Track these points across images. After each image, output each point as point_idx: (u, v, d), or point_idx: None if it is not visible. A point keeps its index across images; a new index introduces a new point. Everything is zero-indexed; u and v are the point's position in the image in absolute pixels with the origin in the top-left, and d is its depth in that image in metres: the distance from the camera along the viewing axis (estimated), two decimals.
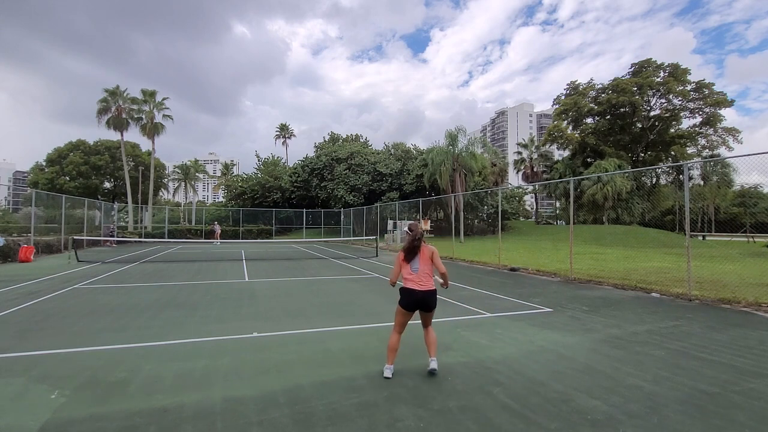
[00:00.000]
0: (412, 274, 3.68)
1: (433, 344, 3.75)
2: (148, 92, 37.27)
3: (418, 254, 3.72)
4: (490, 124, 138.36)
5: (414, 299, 3.64)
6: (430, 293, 3.65)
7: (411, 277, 3.68)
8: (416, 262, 3.70)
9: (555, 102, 48.96)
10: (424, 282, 3.65)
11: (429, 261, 3.72)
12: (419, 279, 3.65)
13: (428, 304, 3.67)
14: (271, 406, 3.06)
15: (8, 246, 14.49)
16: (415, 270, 3.68)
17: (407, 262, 3.74)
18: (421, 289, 3.63)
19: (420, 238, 3.76)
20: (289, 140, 65.71)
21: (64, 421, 2.79)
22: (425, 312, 3.73)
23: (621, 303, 7.28)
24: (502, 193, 27.16)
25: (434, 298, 3.69)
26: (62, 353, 4.29)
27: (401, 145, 42.11)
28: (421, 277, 3.66)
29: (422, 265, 3.70)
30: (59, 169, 45.05)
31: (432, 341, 3.76)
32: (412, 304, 3.66)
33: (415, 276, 3.67)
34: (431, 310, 3.73)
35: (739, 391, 3.36)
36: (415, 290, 3.63)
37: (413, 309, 3.69)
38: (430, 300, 3.66)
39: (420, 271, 3.68)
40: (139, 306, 6.80)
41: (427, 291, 3.63)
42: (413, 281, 3.66)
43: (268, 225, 37.07)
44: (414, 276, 3.67)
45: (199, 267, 12.99)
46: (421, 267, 3.69)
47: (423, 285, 3.64)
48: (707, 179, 38.25)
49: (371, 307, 6.95)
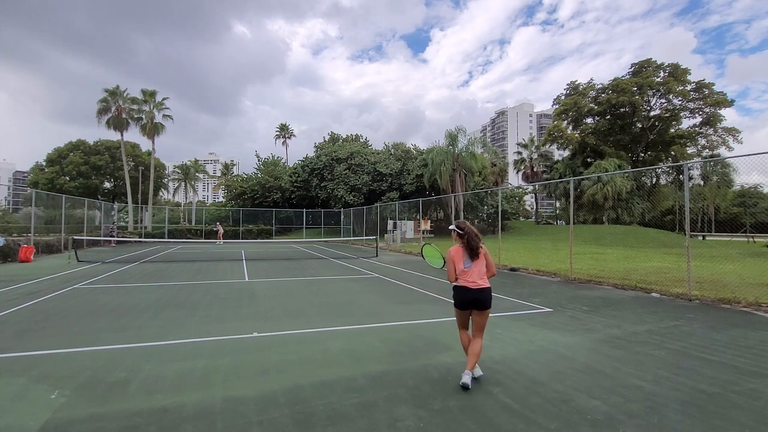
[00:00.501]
0: (465, 272, 3.58)
1: (473, 355, 3.51)
2: (148, 92, 37.30)
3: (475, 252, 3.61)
4: (490, 124, 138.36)
5: (468, 298, 3.54)
6: (484, 291, 3.53)
7: (464, 275, 3.58)
8: (469, 260, 3.60)
9: (555, 102, 48.98)
10: (477, 279, 3.54)
11: (483, 259, 3.62)
12: (473, 276, 3.55)
13: (482, 302, 3.53)
14: (271, 406, 3.06)
15: (8, 246, 14.50)
16: (468, 267, 3.58)
17: (462, 260, 3.61)
18: (474, 287, 3.52)
19: (478, 237, 3.66)
20: (289, 140, 65.81)
21: (64, 421, 2.79)
22: (478, 311, 3.57)
23: (621, 303, 7.28)
24: (502, 193, 27.15)
25: (489, 295, 3.55)
26: (62, 353, 4.29)
27: (401, 145, 42.12)
28: (474, 274, 3.55)
29: (476, 263, 3.60)
30: (59, 169, 45.06)
31: (474, 351, 3.52)
32: (465, 303, 3.57)
33: (468, 273, 3.56)
34: (485, 309, 3.56)
35: (739, 391, 3.36)
36: (468, 288, 3.53)
37: (467, 307, 3.58)
38: (485, 298, 3.53)
39: (474, 268, 3.58)
40: (139, 306, 6.80)
41: (481, 289, 3.52)
42: (466, 279, 3.55)
43: (268, 225, 37.08)
44: (467, 273, 3.57)
45: (199, 267, 12.98)
46: (475, 264, 3.59)
47: (477, 283, 3.53)
48: (707, 179, 38.26)
49: (371, 307, 6.95)
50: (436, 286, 9.21)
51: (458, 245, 3.68)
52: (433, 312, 6.48)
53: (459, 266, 3.62)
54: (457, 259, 3.64)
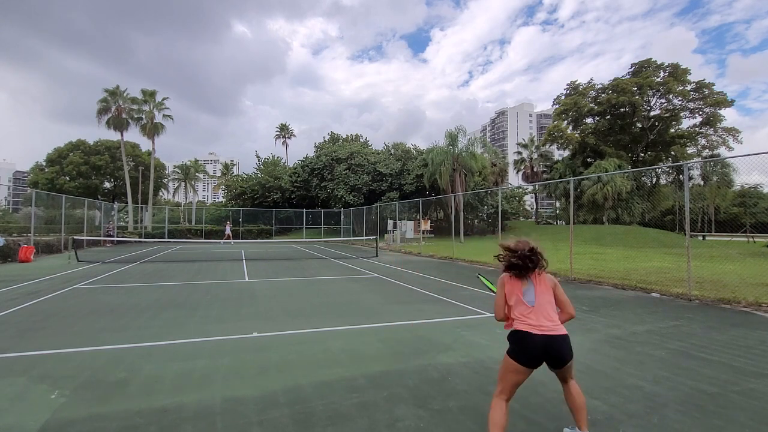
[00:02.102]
0: (528, 309, 2.43)
1: (581, 408, 2.46)
2: (148, 92, 37.30)
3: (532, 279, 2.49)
4: (490, 124, 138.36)
5: (533, 349, 2.34)
6: (557, 339, 2.35)
7: (526, 314, 2.42)
8: (531, 291, 2.46)
9: (555, 102, 48.97)
10: (546, 321, 2.38)
11: (550, 290, 2.49)
12: (538, 317, 2.39)
13: (557, 356, 2.37)
14: (271, 406, 3.06)
15: (8, 246, 14.49)
16: (531, 302, 2.43)
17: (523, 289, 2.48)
18: (542, 333, 2.35)
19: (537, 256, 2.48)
20: (289, 140, 65.80)
21: (64, 421, 2.79)
22: (555, 368, 2.47)
23: (621, 303, 7.28)
24: (502, 193, 27.16)
25: (566, 345, 2.38)
26: (62, 353, 4.29)
27: (401, 145, 42.14)
28: (541, 313, 2.40)
29: (542, 296, 2.45)
30: (59, 169, 45.05)
31: (579, 404, 2.46)
32: (530, 357, 2.36)
33: (532, 312, 2.41)
34: (564, 365, 2.42)
35: (739, 391, 3.36)
36: (532, 334, 2.35)
37: (532, 364, 2.37)
38: (560, 349, 2.36)
39: (540, 304, 2.42)
40: (139, 306, 6.80)
41: (552, 336, 2.35)
42: (529, 321, 2.40)
43: (268, 225, 37.08)
44: (531, 312, 2.41)
45: (199, 267, 12.98)
46: (541, 298, 2.44)
47: (545, 327, 2.36)
48: (707, 179, 38.24)
49: (371, 307, 6.95)
50: (436, 286, 9.22)
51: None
52: (433, 312, 6.48)
53: (516, 300, 2.48)
54: (514, 288, 2.50)
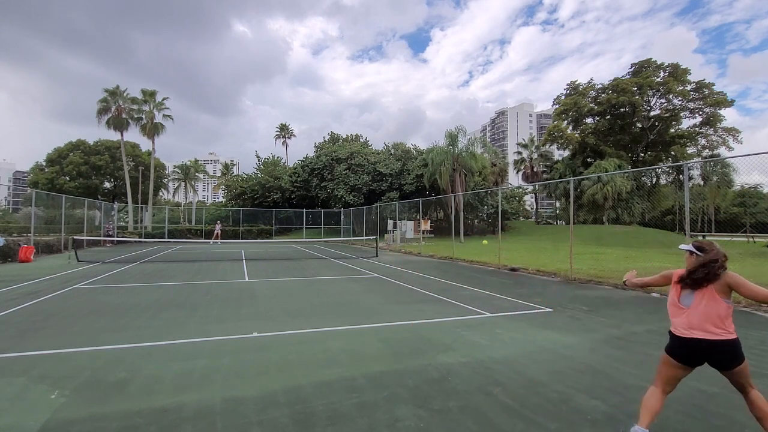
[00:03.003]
0: (682, 310, 2.44)
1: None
2: (148, 92, 37.30)
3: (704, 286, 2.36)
4: (490, 124, 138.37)
5: (685, 350, 2.40)
6: (713, 345, 2.30)
7: (679, 316, 2.45)
8: (691, 295, 2.41)
9: (555, 102, 49.02)
10: (699, 325, 2.34)
11: (717, 297, 2.33)
12: (690, 320, 2.37)
13: (714, 360, 2.36)
14: (271, 406, 3.06)
15: (8, 246, 14.49)
16: (687, 305, 2.42)
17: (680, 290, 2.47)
18: (691, 336, 2.34)
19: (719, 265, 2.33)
20: (289, 140, 65.75)
21: (64, 421, 2.79)
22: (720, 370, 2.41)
23: (621, 303, 7.28)
24: (502, 193, 27.17)
25: (725, 350, 2.31)
26: (62, 353, 4.29)
27: (401, 145, 42.14)
28: (694, 317, 2.36)
29: (702, 301, 2.36)
30: (59, 169, 45.04)
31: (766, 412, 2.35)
32: (682, 355, 2.42)
33: (686, 314, 2.41)
34: (729, 369, 2.35)
35: None
36: (682, 338, 2.38)
37: (687, 362, 2.42)
38: (717, 354, 2.33)
39: (695, 308, 2.38)
40: (139, 306, 6.80)
41: (705, 341, 2.31)
42: (681, 322, 2.42)
43: (268, 225, 37.07)
44: (684, 313, 2.42)
45: (199, 267, 12.99)
46: (699, 303, 2.37)
47: (696, 330, 2.35)
48: (707, 179, 38.25)
49: (371, 307, 6.95)
50: (436, 286, 9.22)
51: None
52: (433, 312, 6.47)
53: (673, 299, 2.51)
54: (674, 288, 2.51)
